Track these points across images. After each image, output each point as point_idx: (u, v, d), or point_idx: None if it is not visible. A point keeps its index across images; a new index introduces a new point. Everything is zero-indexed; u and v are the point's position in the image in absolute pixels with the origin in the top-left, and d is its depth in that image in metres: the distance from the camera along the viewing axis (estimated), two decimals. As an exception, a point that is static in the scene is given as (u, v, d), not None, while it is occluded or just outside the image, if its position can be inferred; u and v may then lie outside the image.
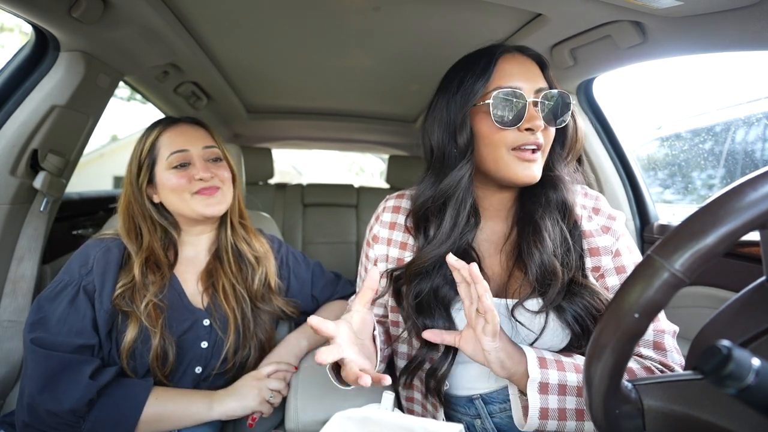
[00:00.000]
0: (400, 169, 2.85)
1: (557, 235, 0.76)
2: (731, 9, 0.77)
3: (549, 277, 0.73)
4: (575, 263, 0.76)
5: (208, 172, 0.96)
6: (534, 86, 0.74)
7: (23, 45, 1.04)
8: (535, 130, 0.73)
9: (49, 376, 0.78)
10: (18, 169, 1.05)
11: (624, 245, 0.79)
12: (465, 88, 0.76)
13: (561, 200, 0.79)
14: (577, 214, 0.80)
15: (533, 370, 0.66)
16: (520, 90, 0.73)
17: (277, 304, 1.09)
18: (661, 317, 0.76)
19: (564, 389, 0.67)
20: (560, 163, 0.82)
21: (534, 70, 0.77)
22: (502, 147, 0.75)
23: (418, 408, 0.91)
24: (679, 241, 0.39)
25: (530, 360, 0.67)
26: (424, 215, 0.83)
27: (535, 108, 0.73)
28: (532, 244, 0.76)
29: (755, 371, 0.31)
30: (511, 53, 0.78)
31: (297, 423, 0.85)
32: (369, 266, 0.93)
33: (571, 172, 0.84)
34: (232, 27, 1.20)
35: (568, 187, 0.80)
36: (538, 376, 0.66)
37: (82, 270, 0.89)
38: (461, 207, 0.79)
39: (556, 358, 0.70)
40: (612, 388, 0.44)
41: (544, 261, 0.74)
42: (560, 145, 0.82)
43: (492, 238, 0.85)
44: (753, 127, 1.74)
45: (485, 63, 0.76)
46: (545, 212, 0.78)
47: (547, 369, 0.67)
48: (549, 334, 0.74)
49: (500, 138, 0.74)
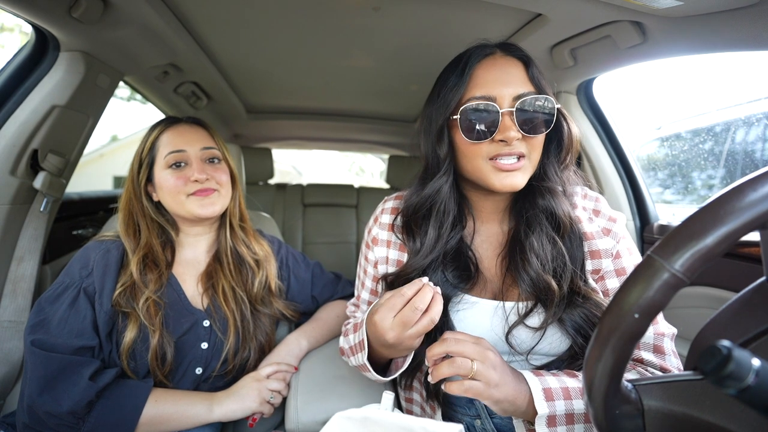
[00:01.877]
0: (400, 169, 2.85)
1: (548, 252, 0.74)
2: (731, 9, 0.77)
3: (544, 292, 0.72)
4: (576, 272, 0.74)
5: (204, 173, 0.96)
6: (513, 92, 0.71)
7: (23, 45, 1.04)
8: (508, 142, 0.70)
9: (49, 377, 0.78)
10: (18, 169, 1.05)
11: (624, 247, 0.78)
12: (441, 99, 0.76)
13: (551, 211, 0.76)
14: (576, 216, 0.79)
15: (540, 405, 0.63)
16: (493, 101, 0.71)
17: (277, 306, 1.09)
18: (660, 319, 0.76)
19: (572, 418, 0.64)
20: (554, 170, 0.79)
21: (514, 73, 0.73)
22: (479, 158, 0.73)
23: (417, 409, 0.91)
24: (679, 241, 0.39)
25: (536, 395, 0.64)
26: (411, 222, 0.83)
27: (511, 117, 0.70)
28: (521, 266, 0.74)
29: (755, 371, 0.31)
30: (491, 57, 0.75)
31: (297, 423, 0.85)
32: (369, 268, 0.93)
33: (569, 175, 0.82)
34: (232, 27, 1.20)
35: (560, 198, 0.78)
36: (545, 411, 0.63)
37: (83, 272, 0.89)
38: (444, 217, 0.79)
39: (562, 385, 0.66)
40: (612, 389, 0.44)
41: (534, 280, 0.73)
42: (556, 150, 0.79)
43: (490, 239, 0.85)
44: (753, 127, 1.74)
45: (459, 72, 0.74)
46: (533, 229, 0.76)
47: (554, 401, 0.64)
48: (548, 342, 0.74)
49: (476, 150, 0.73)
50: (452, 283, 0.79)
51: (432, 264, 0.79)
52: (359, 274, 0.99)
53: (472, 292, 0.81)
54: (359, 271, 0.99)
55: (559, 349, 0.75)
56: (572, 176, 0.83)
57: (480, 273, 0.82)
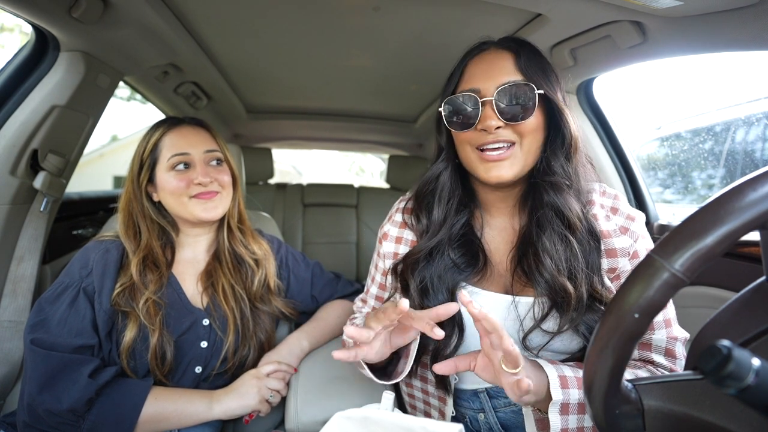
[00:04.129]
0: (400, 169, 2.85)
1: (561, 253, 0.73)
2: (731, 9, 0.77)
3: (560, 295, 0.71)
4: (592, 275, 0.73)
5: (208, 176, 0.96)
6: (496, 83, 0.73)
7: (23, 45, 1.04)
8: (488, 131, 0.73)
9: (49, 375, 0.78)
10: (18, 169, 1.05)
11: (642, 247, 0.76)
12: (442, 93, 0.82)
13: (558, 208, 0.75)
14: (593, 213, 0.77)
15: (555, 392, 0.64)
16: (476, 92, 0.74)
17: (276, 304, 1.09)
18: (674, 324, 0.75)
19: (583, 408, 0.65)
20: (560, 164, 0.76)
21: (502, 64, 0.75)
22: (467, 146, 0.77)
23: (420, 405, 0.91)
24: (679, 241, 0.39)
25: (552, 381, 0.65)
26: (418, 204, 0.87)
27: (491, 106, 0.72)
28: (534, 267, 0.74)
29: (755, 371, 0.31)
30: (484, 52, 0.78)
31: (297, 423, 0.85)
32: (379, 263, 0.95)
33: (582, 171, 0.79)
34: (231, 27, 1.20)
35: (567, 194, 0.75)
36: (560, 398, 0.64)
37: (82, 272, 0.89)
38: (449, 200, 0.83)
39: (576, 375, 0.67)
40: (612, 388, 0.44)
41: (549, 282, 0.72)
42: (560, 143, 0.77)
43: (501, 234, 0.85)
44: (753, 127, 1.74)
45: (455, 68, 0.81)
46: (543, 230, 0.75)
47: (569, 389, 0.65)
48: (559, 341, 0.74)
49: (464, 138, 0.77)
50: (459, 267, 0.79)
51: (438, 246, 0.81)
52: (371, 270, 1.00)
53: (479, 284, 0.81)
54: (371, 267, 1.00)
55: (570, 348, 0.75)
56: (591, 173, 0.82)
57: (490, 265, 0.82)
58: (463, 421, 0.88)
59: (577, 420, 0.65)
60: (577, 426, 0.65)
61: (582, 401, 0.65)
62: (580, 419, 0.65)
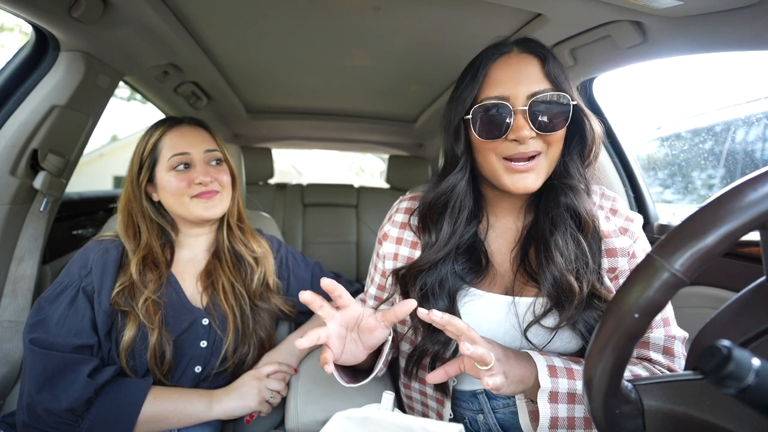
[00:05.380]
0: (400, 169, 2.85)
1: (572, 251, 0.74)
2: (731, 9, 0.77)
3: (565, 293, 0.71)
4: (594, 274, 0.74)
5: (208, 176, 0.96)
6: (527, 90, 0.70)
7: (23, 45, 1.04)
8: (521, 141, 0.70)
9: (48, 375, 0.78)
10: (18, 169, 1.05)
11: (640, 248, 0.77)
12: (458, 98, 0.77)
13: (574, 209, 0.75)
14: (594, 215, 0.78)
15: (544, 379, 0.66)
16: (506, 100, 0.71)
17: (275, 302, 1.09)
18: (672, 323, 0.76)
19: (573, 398, 0.66)
20: (576, 168, 0.78)
21: (530, 71, 0.72)
22: (493, 156, 0.74)
23: (418, 406, 0.91)
24: (679, 241, 0.39)
25: (540, 369, 0.67)
26: (427, 216, 0.84)
27: (524, 116, 0.70)
28: (544, 263, 0.74)
29: (755, 371, 0.31)
30: (506, 55, 0.75)
31: (297, 423, 0.85)
32: (379, 264, 0.94)
33: (592, 173, 0.81)
34: (231, 27, 1.20)
35: (582, 196, 0.76)
36: (548, 386, 0.66)
37: (82, 271, 0.89)
38: (460, 212, 0.80)
39: (566, 366, 0.69)
40: (612, 388, 0.44)
41: (557, 279, 0.72)
42: (578, 147, 0.78)
43: (504, 235, 0.85)
44: (753, 127, 1.74)
45: (474, 72, 0.75)
46: (557, 227, 0.75)
47: (557, 378, 0.66)
48: (559, 340, 0.74)
49: (490, 148, 0.74)
50: (460, 275, 0.79)
51: (444, 257, 0.80)
52: (370, 270, 1.00)
53: (480, 286, 0.81)
54: (370, 267, 1.00)
55: (569, 348, 0.76)
56: (598, 175, 0.82)
57: (491, 267, 0.82)
58: (462, 422, 0.88)
59: (567, 409, 0.66)
60: (567, 415, 0.66)
61: (572, 392, 0.66)
62: (570, 409, 0.66)
